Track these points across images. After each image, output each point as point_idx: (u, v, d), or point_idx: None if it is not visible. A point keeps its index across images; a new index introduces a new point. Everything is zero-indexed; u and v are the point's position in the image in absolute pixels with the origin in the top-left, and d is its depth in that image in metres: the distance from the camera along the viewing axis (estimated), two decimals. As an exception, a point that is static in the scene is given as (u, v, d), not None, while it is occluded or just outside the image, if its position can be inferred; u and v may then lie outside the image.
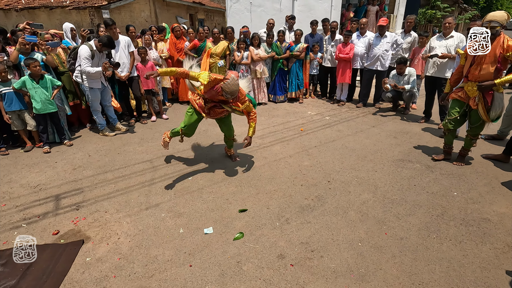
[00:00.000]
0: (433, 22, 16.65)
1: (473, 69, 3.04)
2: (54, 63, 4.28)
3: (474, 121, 3.20)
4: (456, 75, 3.33)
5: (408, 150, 3.86)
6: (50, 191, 3.02)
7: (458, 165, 3.41)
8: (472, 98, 3.11)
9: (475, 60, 3.03)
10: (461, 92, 3.23)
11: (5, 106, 3.79)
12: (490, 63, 2.92)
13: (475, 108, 3.08)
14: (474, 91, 3.07)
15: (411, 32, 5.49)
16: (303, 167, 3.41)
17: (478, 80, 3.02)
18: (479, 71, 2.99)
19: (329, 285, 1.89)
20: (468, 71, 3.10)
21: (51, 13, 9.72)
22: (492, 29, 2.87)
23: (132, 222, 2.52)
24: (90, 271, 2.02)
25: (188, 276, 1.97)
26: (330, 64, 6.02)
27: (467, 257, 2.09)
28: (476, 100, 3.06)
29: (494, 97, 3.00)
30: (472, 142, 3.35)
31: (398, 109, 5.58)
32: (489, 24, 2.88)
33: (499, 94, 3.00)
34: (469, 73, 3.10)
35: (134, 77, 4.85)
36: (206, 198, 2.86)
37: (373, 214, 2.57)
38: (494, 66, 2.91)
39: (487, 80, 2.96)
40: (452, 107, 3.33)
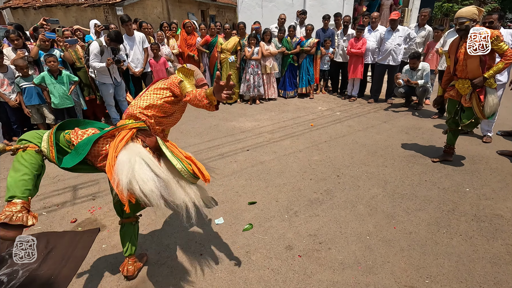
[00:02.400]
0: (450, 16, 16.14)
1: (459, 66, 2.96)
2: (72, 59, 4.43)
3: (465, 118, 3.05)
4: (446, 76, 3.24)
5: (420, 146, 3.81)
6: (68, 182, 3.15)
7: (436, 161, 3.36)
8: (463, 96, 3.01)
9: (457, 57, 2.96)
10: (452, 90, 3.15)
11: (25, 100, 3.96)
12: (473, 57, 2.81)
13: (468, 105, 2.97)
14: (465, 89, 2.97)
15: (426, 26, 5.37)
16: (313, 162, 3.43)
17: (467, 77, 2.93)
18: (465, 67, 2.91)
19: (336, 276, 1.92)
20: (455, 69, 3.03)
21: (67, 10, 9.99)
22: (460, 25, 2.82)
23: (146, 212, 2.61)
24: (106, 257, 2.12)
25: (198, 264, 2.03)
26: (342, 59, 5.97)
27: (477, 252, 2.07)
28: (467, 98, 2.96)
29: (486, 93, 2.89)
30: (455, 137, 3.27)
31: (410, 105, 5.49)
32: (457, 21, 2.84)
33: (491, 89, 2.88)
34: (457, 71, 3.01)
35: (148, 72, 4.96)
36: (217, 190, 2.92)
37: (382, 208, 2.57)
38: (477, 60, 2.81)
39: (476, 74, 2.86)
40: (447, 107, 3.27)
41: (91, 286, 1.89)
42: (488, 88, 2.89)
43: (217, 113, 5.44)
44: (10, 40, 4.01)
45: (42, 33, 4.05)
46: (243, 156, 3.65)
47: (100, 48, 4.04)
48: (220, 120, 4.97)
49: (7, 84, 3.94)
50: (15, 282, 1.90)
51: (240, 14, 8.98)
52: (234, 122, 4.91)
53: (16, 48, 4.03)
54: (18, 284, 1.90)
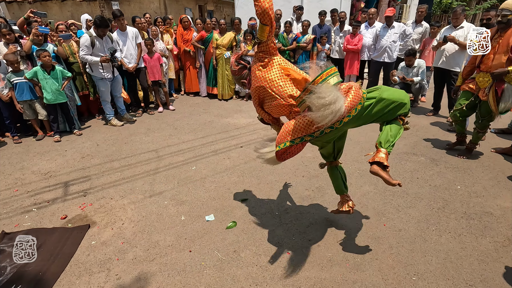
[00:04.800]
0: (449, 12, 16.08)
1: (486, 59, 3.00)
2: (65, 54, 4.39)
3: (483, 113, 3.13)
4: (469, 67, 3.29)
5: (414, 143, 3.81)
6: (60, 178, 3.14)
7: (462, 158, 3.36)
8: (482, 89, 3.05)
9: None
10: (472, 83, 3.20)
11: (17, 96, 3.92)
12: (503, 52, 2.86)
13: (485, 99, 3.02)
14: (485, 82, 3.02)
15: (423, 23, 5.34)
16: (306, 159, 3.43)
17: (490, 71, 2.96)
18: (491, 61, 2.93)
19: (324, 273, 1.92)
20: (481, 61, 3.05)
21: (63, 5, 9.87)
22: (503, 17, 2.78)
23: (136, 208, 2.61)
24: (95, 253, 2.12)
25: (187, 260, 2.04)
26: (338, 56, 5.94)
27: (465, 250, 2.08)
28: (486, 91, 3.00)
29: (505, 88, 2.93)
30: (479, 136, 3.29)
31: (406, 102, 5.48)
32: (501, 12, 2.79)
33: (510, 86, 2.92)
34: (482, 63, 3.04)
35: (141, 68, 4.92)
36: (208, 187, 2.92)
37: (373, 205, 2.58)
38: (506, 56, 2.84)
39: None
40: (460, 98, 3.32)
41: (79, 282, 1.89)
42: (507, 84, 2.91)
43: (212, 109, 5.42)
44: (1, 34, 3.95)
45: (35, 27, 4.01)
46: (236, 152, 3.64)
47: (90, 39, 4.00)
48: (215, 116, 4.95)
49: (0, 79, 3.90)
50: (2, 279, 1.90)
51: (237, 10, 8.90)
52: (229, 119, 4.89)
53: (8, 42, 3.98)
54: (5, 280, 1.89)
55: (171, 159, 3.49)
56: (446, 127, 4.31)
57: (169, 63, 5.68)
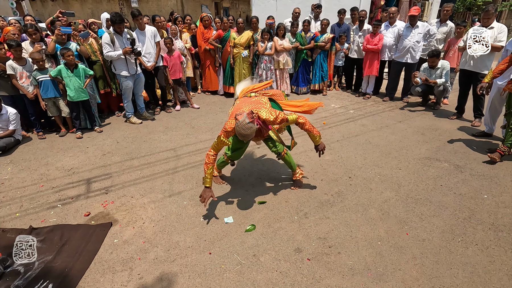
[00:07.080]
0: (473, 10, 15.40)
1: None
2: (87, 52, 4.48)
3: None
4: (503, 64, 3.17)
5: (437, 148, 3.69)
6: (82, 174, 3.23)
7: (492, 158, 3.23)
8: None
9: None
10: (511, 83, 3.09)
11: (42, 93, 4.05)
12: None
13: None
14: None
15: (448, 22, 5.14)
16: (324, 162, 3.38)
17: None
18: None
19: (345, 282, 1.89)
20: None
21: (84, 2, 10.10)
22: None
23: (156, 208, 2.65)
24: (118, 252, 2.16)
25: (207, 263, 2.05)
26: (357, 55, 5.81)
27: (494, 264, 2.00)
28: None
29: None
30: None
31: (428, 104, 5.32)
32: None
33: None
34: None
35: (160, 67, 4.97)
36: (226, 188, 2.93)
37: (394, 213, 2.52)
38: None
39: None
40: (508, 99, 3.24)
41: (103, 280, 1.94)
42: None
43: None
44: (28, 34, 4.08)
45: (58, 28, 4.12)
46: (253, 153, 3.63)
47: (109, 37, 4.09)
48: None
49: (26, 77, 4.03)
50: (31, 273, 1.97)
51: (254, 7, 8.83)
52: (245, 118, 4.87)
53: (33, 42, 4.11)
54: (34, 275, 1.96)
55: (189, 159, 3.52)
56: (472, 131, 4.15)
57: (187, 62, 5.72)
